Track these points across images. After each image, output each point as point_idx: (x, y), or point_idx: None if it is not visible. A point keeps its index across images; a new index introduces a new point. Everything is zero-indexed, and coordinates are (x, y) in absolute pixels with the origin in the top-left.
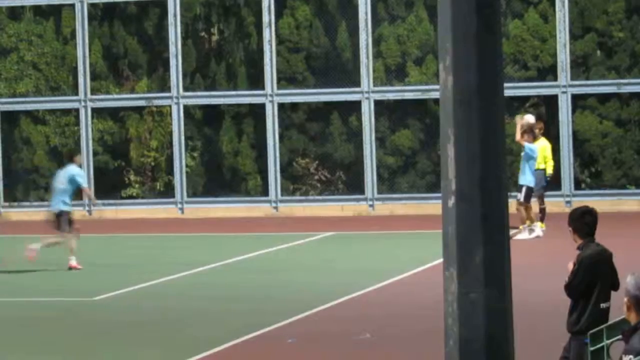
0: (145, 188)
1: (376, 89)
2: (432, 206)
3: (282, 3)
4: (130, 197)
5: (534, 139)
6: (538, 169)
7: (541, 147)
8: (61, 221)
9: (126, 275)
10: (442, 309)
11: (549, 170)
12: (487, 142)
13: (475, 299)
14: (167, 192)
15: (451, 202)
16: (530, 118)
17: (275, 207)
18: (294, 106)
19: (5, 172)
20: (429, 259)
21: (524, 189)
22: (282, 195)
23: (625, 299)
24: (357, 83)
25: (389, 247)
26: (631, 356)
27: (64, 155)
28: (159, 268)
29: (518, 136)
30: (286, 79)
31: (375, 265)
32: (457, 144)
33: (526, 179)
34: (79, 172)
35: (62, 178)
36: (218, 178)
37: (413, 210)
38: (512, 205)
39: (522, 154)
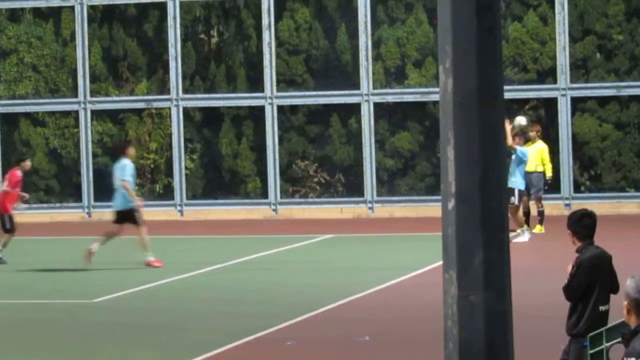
0: (144, 190)
1: (376, 91)
2: (431, 208)
3: (282, 5)
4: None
5: (526, 142)
6: (536, 172)
7: (538, 150)
8: (136, 217)
9: (125, 277)
10: (441, 311)
11: (548, 173)
12: (487, 144)
13: (475, 301)
14: (167, 194)
15: (451, 204)
16: (521, 120)
17: (275, 210)
18: (294, 108)
19: (4, 174)
20: (428, 262)
21: (516, 192)
22: (281, 197)
23: (625, 302)
24: (356, 85)
25: (389, 250)
26: (633, 358)
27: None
28: (159, 270)
29: (510, 140)
30: (285, 81)
31: (374, 268)
32: (456, 146)
33: (517, 182)
34: (124, 164)
35: (116, 175)
36: (217, 180)
37: (412, 213)
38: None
39: (513, 157)
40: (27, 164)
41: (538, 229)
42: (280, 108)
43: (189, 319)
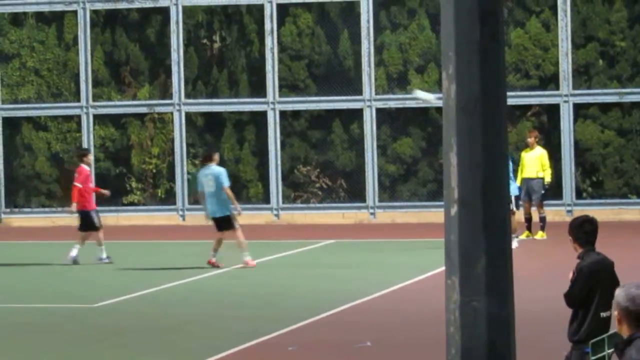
0: (146, 195)
1: (378, 97)
2: (433, 214)
3: (284, 11)
4: (132, 203)
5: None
6: (537, 178)
7: (538, 156)
8: (232, 223)
9: (127, 282)
10: (443, 317)
11: (547, 179)
12: (490, 150)
13: (477, 307)
14: (169, 199)
15: (453, 210)
16: (425, 95)
17: (277, 215)
18: (296, 114)
19: (6, 178)
20: (430, 267)
21: (512, 198)
22: (283, 202)
23: (616, 312)
24: (358, 91)
25: (390, 255)
26: None
27: (202, 157)
28: (160, 275)
29: None
30: (288, 87)
31: (376, 273)
32: (459, 152)
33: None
34: (221, 171)
35: (209, 181)
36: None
37: (414, 218)
38: None
39: None
40: (90, 157)
41: (540, 235)
42: (283, 113)
43: (192, 323)
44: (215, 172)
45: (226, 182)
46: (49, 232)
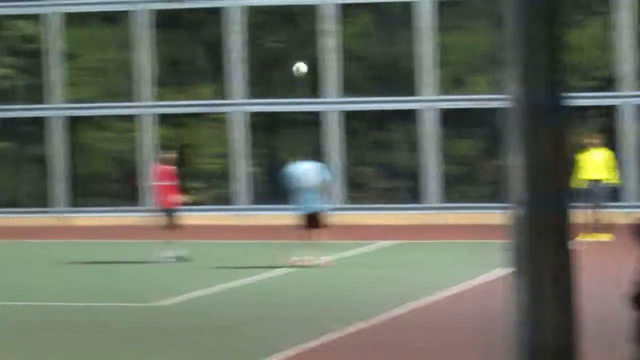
0: (205, 195)
1: (439, 97)
2: (494, 215)
3: (344, 11)
4: (191, 203)
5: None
6: (598, 180)
7: (600, 158)
8: (325, 219)
9: (184, 282)
10: (505, 319)
11: (612, 180)
12: (554, 152)
13: (543, 308)
14: (229, 199)
15: (518, 212)
16: (301, 67)
17: (337, 215)
18: (355, 114)
19: (69, 177)
20: (491, 269)
21: None
22: (342, 202)
23: None
24: (419, 91)
25: (450, 256)
26: None
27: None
28: (216, 274)
29: None
30: (347, 87)
31: (436, 275)
32: (523, 153)
33: None
34: (321, 165)
35: (311, 176)
36: (280, 185)
37: (475, 220)
38: None
39: None
40: (170, 156)
41: (605, 237)
42: (342, 114)
43: (246, 324)
44: (316, 167)
45: (329, 176)
46: (112, 231)
